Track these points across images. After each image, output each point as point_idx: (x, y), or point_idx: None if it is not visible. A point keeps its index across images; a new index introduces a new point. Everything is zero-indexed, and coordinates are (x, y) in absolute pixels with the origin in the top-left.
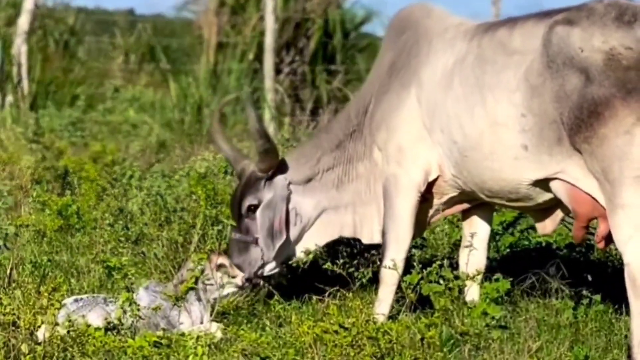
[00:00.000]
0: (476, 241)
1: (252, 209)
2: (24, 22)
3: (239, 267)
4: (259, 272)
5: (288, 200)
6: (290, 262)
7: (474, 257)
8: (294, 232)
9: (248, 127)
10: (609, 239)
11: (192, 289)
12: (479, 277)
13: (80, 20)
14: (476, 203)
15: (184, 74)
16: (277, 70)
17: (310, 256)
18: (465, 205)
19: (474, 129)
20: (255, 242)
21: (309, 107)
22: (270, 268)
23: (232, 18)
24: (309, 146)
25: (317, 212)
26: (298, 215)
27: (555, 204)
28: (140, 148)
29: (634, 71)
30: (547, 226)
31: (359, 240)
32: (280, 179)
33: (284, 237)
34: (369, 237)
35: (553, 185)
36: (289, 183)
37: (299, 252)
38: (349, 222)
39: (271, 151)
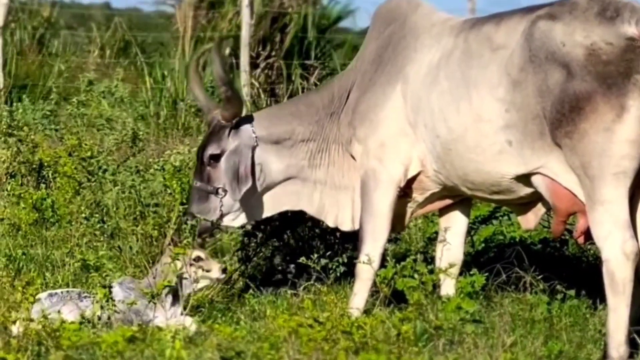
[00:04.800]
0: (453, 236)
1: (214, 157)
2: None
3: (200, 215)
4: (218, 222)
5: (254, 150)
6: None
7: (450, 252)
8: (257, 186)
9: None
10: (588, 234)
11: (169, 286)
12: (455, 271)
13: (55, 14)
14: (458, 199)
15: (159, 68)
16: (254, 65)
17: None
18: (446, 202)
19: (458, 123)
20: (216, 191)
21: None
22: (229, 219)
23: (209, 13)
24: (285, 111)
25: (283, 176)
26: (263, 171)
27: (537, 197)
28: (115, 142)
29: (614, 66)
30: (529, 220)
31: (334, 234)
32: (246, 128)
33: (250, 183)
34: (336, 222)
35: (534, 179)
36: (256, 137)
37: (258, 212)
38: (315, 200)
39: (233, 99)
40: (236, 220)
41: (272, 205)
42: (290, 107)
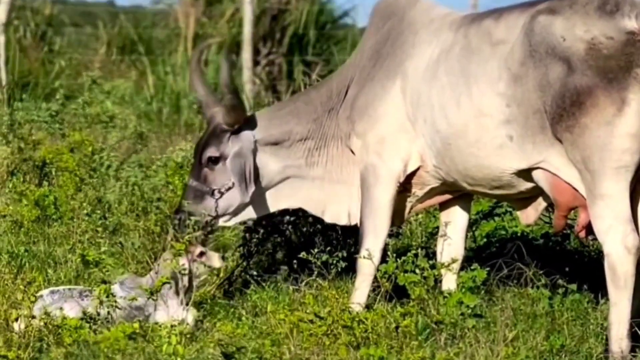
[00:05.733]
0: (454, 231)
1: (213, 160)
2: (1, 13)
3: (193, 214)
4: (212, 222)
5: (254, 154)
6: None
7: (451, 247)
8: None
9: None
10: (589, 228)
11: (168, 282)
12: (456, 266)
13: (58, 12)
14: (458, 194)
15: (162, 65)
16: (255, 62)
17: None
18: (446, 196)
19: (459, 118)
20: (211, 192)
21: (286, 98)
22: (224, 220)
23: (208, 9)
24: (284, 111)
25: (281, 177)
26: (261, 174)
27: (538, 192)
28: (118, 139)
29: (615, 60)
30: (529, 215)
31: (335, 229)
32: (247, 134)
33: (254, 187)
34: (334, 217)
35: (535, 174)
36: (256, 140)
37: (256, 211)
38: (313, 197)
39: (237, 107)
40: (230, 221)
41: (268, 204)
42: (289, 106)
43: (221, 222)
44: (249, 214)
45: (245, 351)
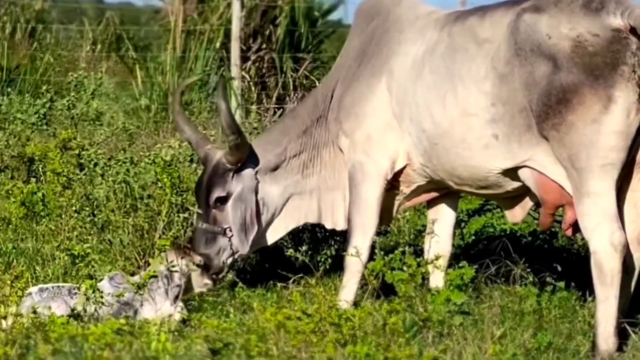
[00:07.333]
0: (441, 228)
1: (221, 200)
2: None
3: (207, 258)
4: (228, 261)
5: (256, 191)
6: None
7: (439, 245)
8: (263, 221)
9: (219, 119)
10: (576, 226)
11: (155, 276)
12: (443, 263)
13: (47, 8)
14: (445, 192)
15: (150, 62)
16: (244, 58)
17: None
18: (433, 194)
19: (444, 117)
20: (223, 232)
21: (276, 94)
22: (239, 256)
23: (199, 5)
24: (275, 133)
25: (284, 199)
26: (266, 205)
27: (524, 191)
28: (106, 136)
29: (601, 58)
30: (516, 214)
31: (323, 227)
32: (248, 171)
33: (256, 228)
34: (333, 223)
35: (521, 173)
36: (256, 172)
37: (268, 239)
38: (313, 207)
39: (242, 146)
40: (246, 255)
41: (278, 229)
42: (279, 126)
43: (237, 256)
44: (262, 242)
45: (232, 347)
